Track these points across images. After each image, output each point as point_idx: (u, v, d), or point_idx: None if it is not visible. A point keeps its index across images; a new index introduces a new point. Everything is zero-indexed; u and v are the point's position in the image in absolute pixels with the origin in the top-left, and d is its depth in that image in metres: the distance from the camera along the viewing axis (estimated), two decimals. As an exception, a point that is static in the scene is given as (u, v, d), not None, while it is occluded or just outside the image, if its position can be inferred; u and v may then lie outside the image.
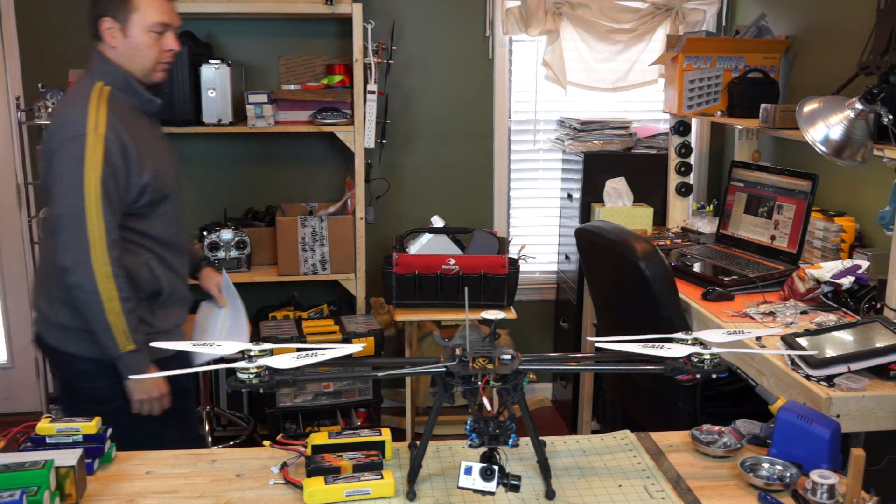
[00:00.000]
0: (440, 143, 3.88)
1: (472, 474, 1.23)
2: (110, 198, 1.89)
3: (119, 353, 1.92)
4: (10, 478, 1.24)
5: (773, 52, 3.33)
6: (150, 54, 1.98)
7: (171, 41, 2.01)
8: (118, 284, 1.90)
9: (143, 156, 1.95)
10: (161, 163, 2.04)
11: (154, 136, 2.09)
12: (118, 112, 1.94)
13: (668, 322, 2.41)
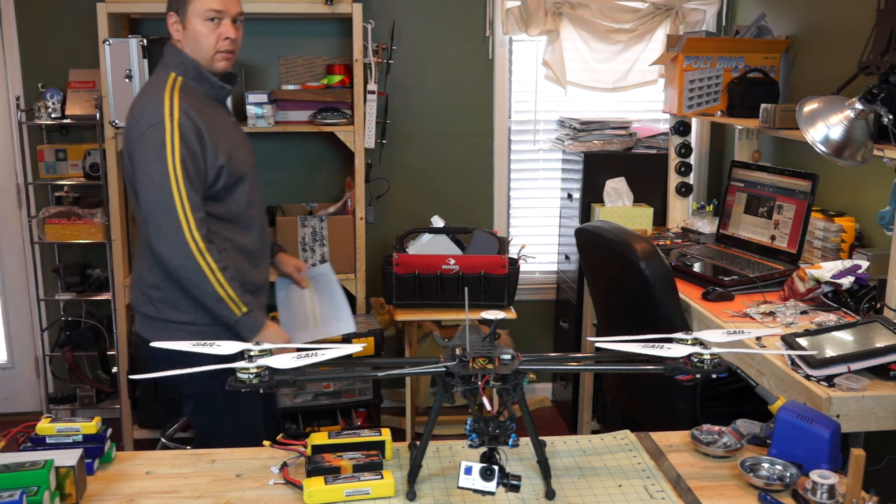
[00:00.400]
0: (440, 143, 3.88)
1: (472, 474, 1.23)
2: (191, 179, 1.98)
3: (235, 318, 2.04)
4: (10, 478, 1.24)
5: (773, 52, 3.33)
6: (207, 43, 2.05)
7: (227, 29, 2.05)
8: (214, 257, 2.00)
9: (218, 140, 2.05)
10: (235, 146, 2.12)
11: (227, 122, 2.17)
12: (191, 100, 2.04)
13: (668, 322, 2.41)
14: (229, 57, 2.09)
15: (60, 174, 3.59)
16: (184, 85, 2.06)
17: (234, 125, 2.24)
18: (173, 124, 1.97)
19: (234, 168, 2.08)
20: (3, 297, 3.82)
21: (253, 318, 2.06)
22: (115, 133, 3.32)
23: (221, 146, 2.06)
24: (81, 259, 3.70)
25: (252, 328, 2.06)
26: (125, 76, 3.23)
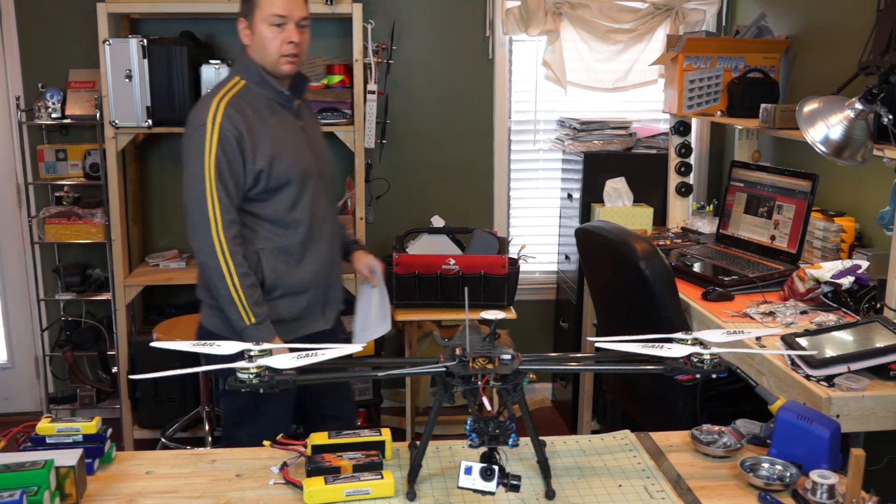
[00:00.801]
0: (440, 143, 3.87)
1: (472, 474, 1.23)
2: (224, 181, 2.05)
3: (243, 325, 2.08)
4: (10, 478, 1.24)
5: (773, 52, 3.33)
6: (272, 47, 2.10)
7: (291, 33, 2.10)
8: (236, 261, 2.05)
9: (261, 144, 2.09)
10: (286, 151, 2.13)
11: (287, 127, 2.18)
12: (245, 104, 2.12)
13: (668, 322, 2.41)
14: (294, 60, 2.13)
15: (60, 174, 3.59)
16: (244, 89, 2.15)
17: (300, 130, 2.23)
18: (214, 128, 2.06)
19: (276, 173, 2.11)
20: (3, 297, 3.82)
21: (259, 331, 2.07)
22: (115, 133, 3.32)
23: (263, 151, 2.09)
24: (81, 259, 3.70)
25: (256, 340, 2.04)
26: (125, 76, 3.24)
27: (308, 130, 2.26)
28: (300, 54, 2.14)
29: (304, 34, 2.14)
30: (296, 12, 2.11)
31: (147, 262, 3.69)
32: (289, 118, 2.20)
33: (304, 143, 2.22)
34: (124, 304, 3.46)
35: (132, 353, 3.52)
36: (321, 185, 2.24)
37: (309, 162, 2.20)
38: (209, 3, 3.34)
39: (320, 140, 2.32)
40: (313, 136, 2.29)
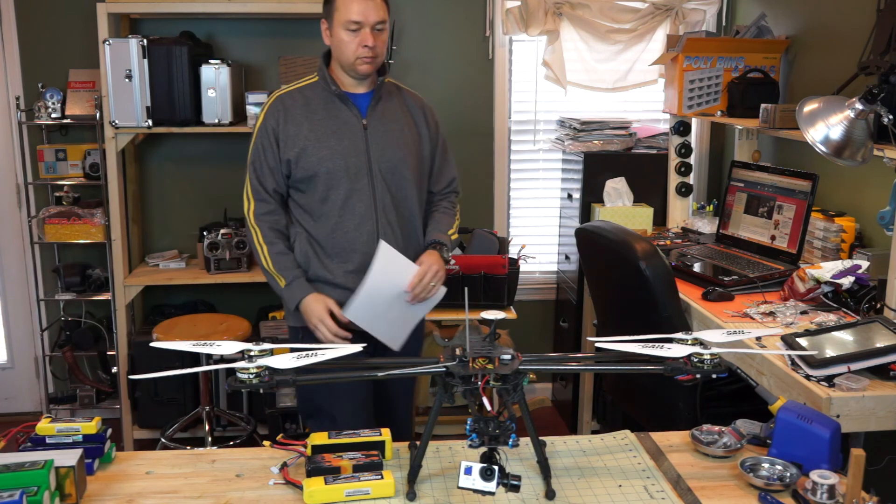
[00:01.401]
0: (440, 143, 3.87)
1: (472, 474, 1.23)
2: (257, 166, 2.27)
3: (280, 289, 2.26)
4: (10, 478, 1.24)
5: (773, 52, 3.32)
6: (348, 50, 2.21)
7: (366, 37, 2.18)
8: (263, 232, 2.26)
9: (295, 136, 2.23)
10: (318, 146, 2.22)
11: (336, 123, 2.25)
12: (301, 97, 2.28)
13: (668, 322, 2.41)
14: (369, 61, 2.21)
15: (60, 174, 3.59)
16: (311, 85, 2.31)
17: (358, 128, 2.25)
18: (259, 118, 2.28)
19: (303, 164, 2.22)
20: (3, 297, 3.82)
21: (291, 290, 2.23)
22: (115, 133, 3.32)
23: (296, 143, 2.22)
24: (81, 259, 3.70)
25: (288, 300, 2.24)
26: (125, 76, 3.24)
27: (375, 130, 2.27)
28: (377, 56, 2.22)
29: (379, 37, 2.22)
30: (371, 17, 2.18)
31: (147, 262, 3.69)
32: (346, 115, 2.26)
33: (359, 140, 2.24)
34: (124, 304, 3.46)
35: (132, 353, 3.52)
36: (368, 184, 2.24)
37: (352, 159, 2.23)
38: (209, 3, 3.34)
39: (395, 141, 2.28)
40: (381, 136, 2.27)
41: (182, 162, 3.78)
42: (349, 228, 2.24)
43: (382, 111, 2.30)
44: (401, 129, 2.30)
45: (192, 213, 3.78)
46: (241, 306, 3.76)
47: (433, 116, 2.41)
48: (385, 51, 2.27)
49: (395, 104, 2.33)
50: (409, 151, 2.30)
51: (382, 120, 2.29)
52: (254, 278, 3.52)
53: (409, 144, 2.31)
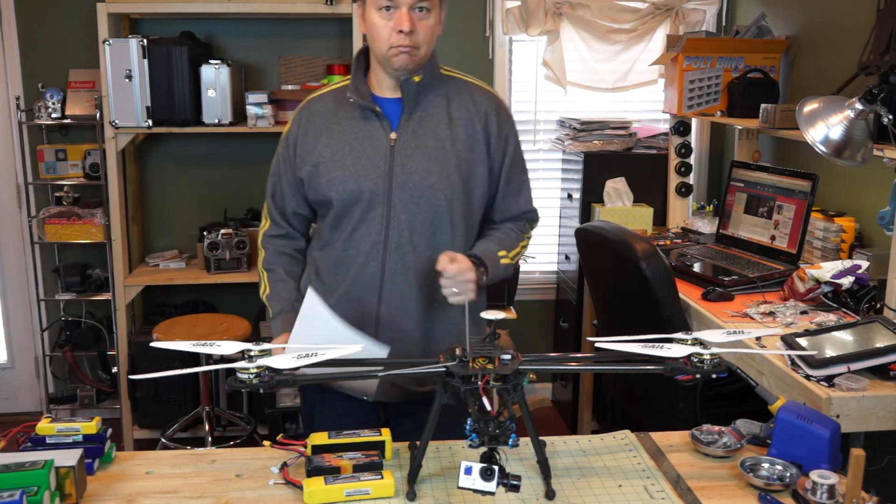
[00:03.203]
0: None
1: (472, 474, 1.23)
2: (273, 183, 1.93)
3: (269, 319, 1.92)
4: (10, 478, 1.24)
5: (773, 52, 3.33)
6: (381, 35, 1.75)
7: (402, 20, 1.72)
8: (266, 257, 1.94)
9: (310, 150, 1.84)
10: (332, 165, 1.80)
11: (357, 137, 1.81)
12: (332, 102, 1.86)
13: (668, 322, 2.41)
14: (406, 51, 1.74)
15: (60, 174, 3.59)
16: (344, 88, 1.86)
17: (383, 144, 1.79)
18: (286, 127, 1.93)
19: (315, 186, 1.84)
20: (3, 297, 3.82)
21: (274, 324, 1.86)
22: (115, 133, 3.32)
23: (309, 159, 1.84)
24: (81, 259, 3.70)
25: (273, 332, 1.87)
26: (125, 76, 3.24)
27: (404, 147, 1.78)
28: (418, 45, 1.75)
29: (422, 21, 1.75)
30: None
31: (147, 262, 3.69)
32: (372, 128, 1.80)
33: (381, 160, 1.78)
34: (124, 304, 3.46)
35: (132, 353, 3.52)
36: (382, 215, 1.78)
37: (368, 183, 1.77)
38: (209, 3, 3.34)
39: (427, 162, 1.78)
40: (409, 155, 1.78)
41: (182, 162, 3.78)
42: (352, 265, 1.80)
43: (419, 121, 1.80)
44: (440, 147, 1.79)
45: (192, 213, 3.78)
46: (241, 306, 3.75)
47: (505, 123, 1.86)
48: (431, 41, 1.80)
49: (441, 109, 1.83)
50: (447, 176, 1.78)
51: (417, 134, 1.79)
52: (253, 278, 3.50)
53: (451, 167, 1.78)
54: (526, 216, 1.97)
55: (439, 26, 1.84)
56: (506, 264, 1.87)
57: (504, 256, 1.86)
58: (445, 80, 1.90)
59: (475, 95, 1.88)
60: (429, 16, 1.78)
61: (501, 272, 1.86)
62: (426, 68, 1.83)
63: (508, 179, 1.92)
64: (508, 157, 1.90)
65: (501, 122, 1.87)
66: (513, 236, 1.93)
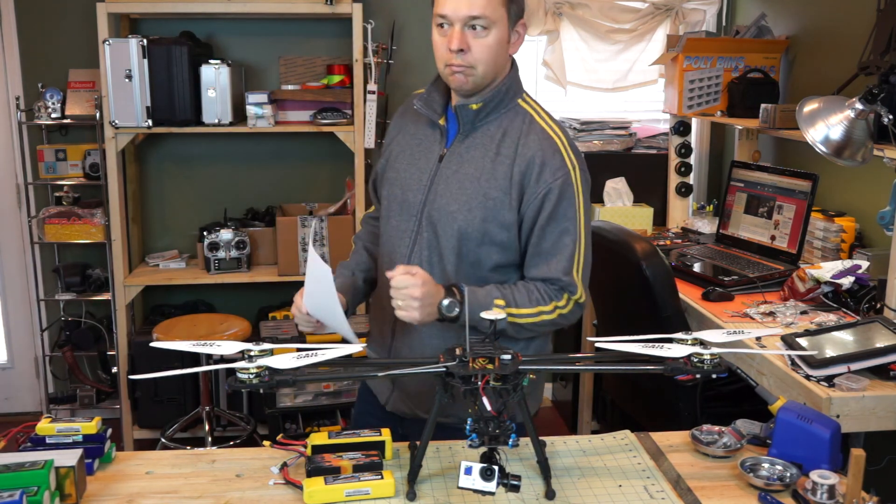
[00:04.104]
0: (440, 143, 3.87)
1: (472, 474, 1.23)
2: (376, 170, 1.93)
3: None
4: (10, 478, 1.24)
5: (773, 52, 3.33)
6: (438, 52, 1.69)
7: (454, 37, 1.63)
8: (357, 232, 2.03)
9: (389, 144, 1.87)
10: (394, 164, 1.82)
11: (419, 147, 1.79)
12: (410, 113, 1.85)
13: (668, 322, 2.41)
14: (460, 70, 1.65)
15: (60, 174, 3.59)
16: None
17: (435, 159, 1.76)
18: None
19: (380, 182, 1.87)
20: (3, 297, 3.82)
21: None
22: (115, 133, 3.32)
23: (387, 151, 1.87)
24: (81, 259, 3.70)
25: None
26: (125, 76, 3.23)
27: (448, 164, 1.73)
28: (472, 65, 1.64)
29: (478, 40, 1.63)
30: (462, 9, 1.61)
31: (147, 262, 3.69)
32: (432, 137, 1.78)
33: (425, 172, 1.75)
34: (124, 304, 3.46)
35: (132, 353, 3.52)
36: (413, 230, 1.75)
37: (410, 194, 1.76)
38: (209, 3, 3.34)
39: (459, 187, 1.70)
40: (449, 174, 1.72)
41: (182, 162, 3.78)
42: (385, 268, 1.73)
43: (468, 147, 1.72)
44: (475, 178, 1.69)
45: (192, 213, 3.78)
46: (241, 306, 3.76)
47: (551, 175, 1.66)
48: (490, 61, 1.66)
49: (493, 141, 1.70)
50: (469, 210, 1.69)
51: (462, 158, 1.72)
52: (254, 278, 3.52)
53: (475, 201, 1.69)
54: (559, 283, 1.69)
55: (510, 45, 1.70)
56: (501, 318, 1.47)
57: (503, 307, 1.63)
58: (516, 110, 1.73)
59: (530, 137, 1.69)
60: (486, 34, 1.64)
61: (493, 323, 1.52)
62: (492, 95, 1.71)
63: (542, 236, 1.69)
64: (545, 212, 1.67)
65: (545, 172, 1.67)
66: (533, 296, 1.68)
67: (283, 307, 3.76)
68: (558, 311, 1.68)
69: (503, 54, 1.69)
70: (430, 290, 1.59)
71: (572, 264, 1.68)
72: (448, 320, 1.62)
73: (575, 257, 1.68)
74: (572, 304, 1.69)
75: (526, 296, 1.68)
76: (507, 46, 1.69)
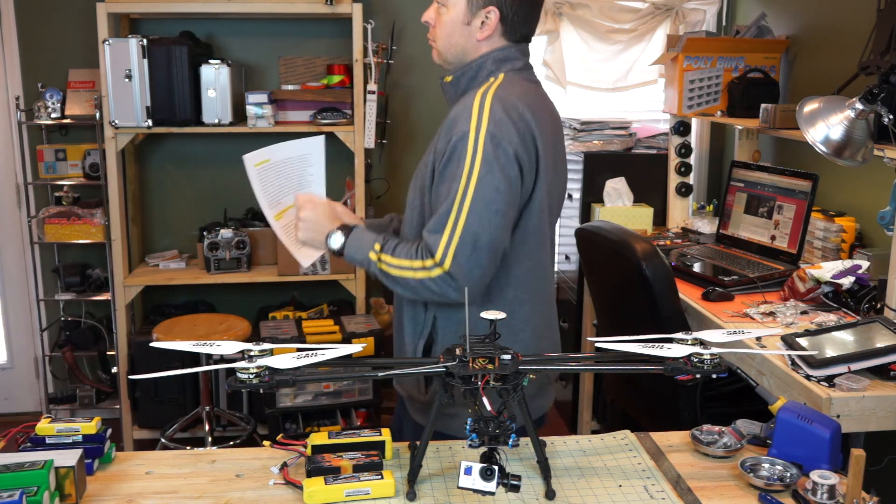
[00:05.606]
0: (440, 143, 3.87)
1: (472, 474, 1.23)
2: None
3: None
4: (10, 478, 1.24)
5: (773, 52, 3.32)
6: None
7: (428, 11, 1.72)
8: None
9: None
10: None
11: None
12: None
13: (668, 322, 2.41)
14: (431, 44, 1.73)
15: (60, 174, 3.60)
16: None
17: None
18: None
19: None
20: (3, 297, 3.82)
21: None
22: (115, 133, 3.32)
23: None
24: (81, 259, 3.70)
25: None
26: (125, 76, 3.24)
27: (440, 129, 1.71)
28: (434, 39, 1.73)
29: (439, 16, 1.70)
30: None
31: (147, 262, 3.69)
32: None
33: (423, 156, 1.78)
34: (124, 304, 3.46)
35: (132, 353, 3.52)
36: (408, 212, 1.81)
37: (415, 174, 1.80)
38: (209, 3, 3.34)
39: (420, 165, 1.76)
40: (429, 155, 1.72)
41: (182, 162, 3.78)
42: None
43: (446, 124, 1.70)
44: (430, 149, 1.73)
45: (192, 213, 3.78)
46: (241, 306, 3.76)
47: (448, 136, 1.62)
48: (444, 37, 1.71)
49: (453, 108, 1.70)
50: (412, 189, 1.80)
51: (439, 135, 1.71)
52: (254, 278, 3.52)
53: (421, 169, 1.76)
54: (423, 241, 1.60)
55: (473, 30, 1.70)
56: (373, 261, 1.62)
57: (378, 251, 1.62)
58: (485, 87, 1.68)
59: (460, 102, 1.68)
60: (445, 11, 1.69)
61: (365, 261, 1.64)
62: (461, 71, 1.73)
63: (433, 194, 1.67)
64: (438, 170, 1.63)
65: (451, 131, 1.60)
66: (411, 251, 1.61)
67: (283, 307, 3.76)
68: (424, 273, 1.58)
69: (461, 35, 1.70)
70: (318, 218, 1.70)
71: (443, 226, 1.57)
72: (334, 253, 1.68)
73: (449, 220, 1.56)
74: (439, 272, 1.57)
75: (405, 249, 1.62)
76: (468, 29, 1.69)
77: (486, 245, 1.56)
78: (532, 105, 1.67)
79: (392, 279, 1.63)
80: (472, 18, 1.69)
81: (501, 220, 1.57)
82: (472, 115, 1.60)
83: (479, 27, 1.70)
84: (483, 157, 1.56)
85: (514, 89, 1.68)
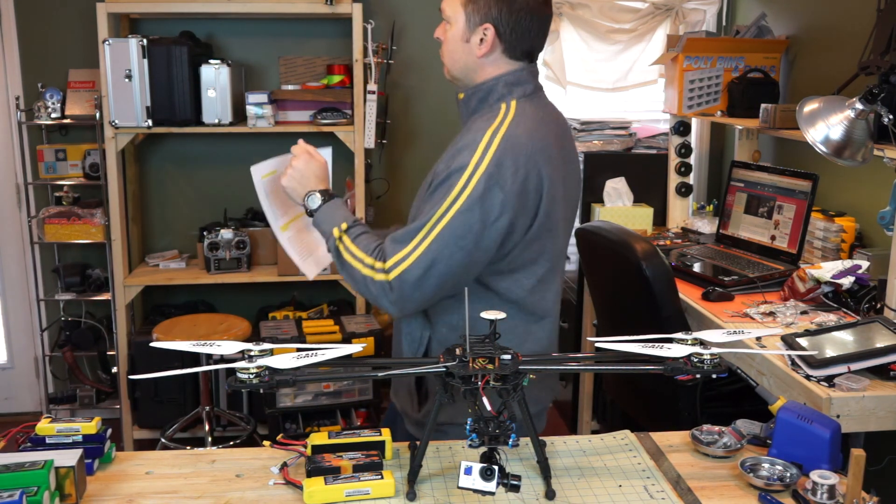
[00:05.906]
0: (440, 143, 3.85)
1: (472, 474, 1.23)
2: None
3: None
4: (10, 478, 1.24)
5: (773, 52, 3.33)
6: None
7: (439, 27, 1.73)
8: None
9: None
10: None
11: None
12: None
13: (668, 322, 2.41)
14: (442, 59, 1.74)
15: (60, 174, 3.60)
16: None
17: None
18: None
19: None
20: (3, 297, 3.82)
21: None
22: (115, 133, 3.32)
23: None
24: (81, 259, 3.70)
25: None
26: (125, 76, 3.24)
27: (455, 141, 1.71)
28: (443, 55, 1.73)
29: (446, 32, 1.71)
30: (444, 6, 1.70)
31: (147, 262, 3.69)
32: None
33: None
34: (124, 304, 3.46)
35: (132, 353, 3.52)
36: None
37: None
38: (209, 3, 3.34)
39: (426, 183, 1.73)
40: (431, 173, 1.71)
41: (182, 162, 3.78)
42: None
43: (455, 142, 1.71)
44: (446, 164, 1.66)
45: (192, 213, 3.78)
46: (241, 306, 3.76)
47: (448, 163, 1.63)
48: (448, 54, 1.71)
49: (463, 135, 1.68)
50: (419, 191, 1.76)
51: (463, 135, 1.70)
52: (254, 278, 3.52)
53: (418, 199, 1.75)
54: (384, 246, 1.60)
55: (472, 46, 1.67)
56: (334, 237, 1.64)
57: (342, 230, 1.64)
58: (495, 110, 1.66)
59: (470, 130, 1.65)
60: (450, 28, 1.69)
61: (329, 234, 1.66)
62: (473, 90, 1.71)
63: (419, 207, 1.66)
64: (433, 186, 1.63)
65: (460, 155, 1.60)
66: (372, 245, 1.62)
67: (283, 307, 3.76)
68: (369, 272, 1.58)
69: (462, 52, 1.69)
70: (307, 172, 1.76)
71: (408, 240, 1.56)
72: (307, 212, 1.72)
73: (416, 237, 1.56)
74: (382, 277, 1.56)
75: (366, 241, 1.63)
76: (468, 46, 1.68)
77: (437, 274, 1.56)
78: (542, 137, 1.64)
79: (342, 263, 1.63)
80: (471, 35, 1.67)
81: (464, 258, 1.56)
82: (477, 150, 1.58)
83: (478, 44, 1.68)
84: (470, 195, 1.55)
85: (527, 125, 1.63)
